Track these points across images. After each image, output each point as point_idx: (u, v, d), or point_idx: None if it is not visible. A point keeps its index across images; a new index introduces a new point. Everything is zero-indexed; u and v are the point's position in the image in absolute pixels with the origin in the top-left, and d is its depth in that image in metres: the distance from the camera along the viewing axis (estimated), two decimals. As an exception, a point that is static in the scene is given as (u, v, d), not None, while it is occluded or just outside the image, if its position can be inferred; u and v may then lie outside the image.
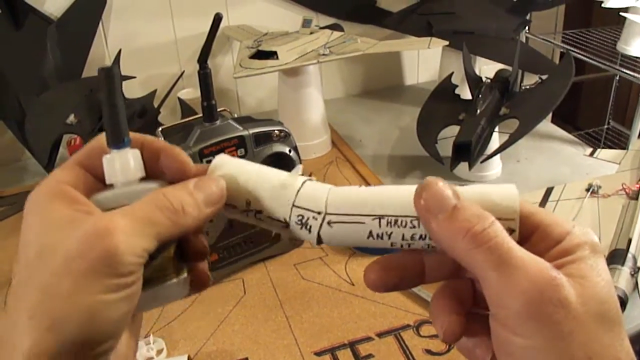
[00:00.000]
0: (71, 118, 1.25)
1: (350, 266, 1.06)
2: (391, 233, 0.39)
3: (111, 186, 0.39)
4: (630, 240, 0.95)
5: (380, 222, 0.38)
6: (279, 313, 0.96)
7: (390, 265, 0.41)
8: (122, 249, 0.33)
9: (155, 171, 0.41)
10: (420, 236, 0.38)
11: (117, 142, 0.39)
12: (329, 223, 0.39)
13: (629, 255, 0.94)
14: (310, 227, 0.40)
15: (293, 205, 0.40)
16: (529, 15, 1.77)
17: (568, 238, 0.37)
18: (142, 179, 0.40)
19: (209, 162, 0.42)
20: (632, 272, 0.93)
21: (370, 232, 0.39)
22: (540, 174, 1.37)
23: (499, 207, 0.37)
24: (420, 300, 0.96)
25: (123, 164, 0.39)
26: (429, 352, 0.87)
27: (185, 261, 0.41)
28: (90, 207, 0.36)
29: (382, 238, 0.39)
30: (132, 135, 0.40)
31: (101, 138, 0.40)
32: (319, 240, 0.40)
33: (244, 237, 1.01)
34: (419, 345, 0.88)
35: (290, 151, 0.99)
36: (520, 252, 0.35)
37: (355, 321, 0.93)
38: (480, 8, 1.68)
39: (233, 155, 0.92)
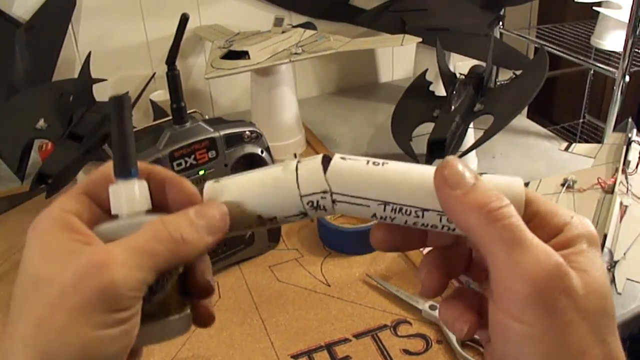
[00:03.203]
0: (41, 123, 1.23)
1: (326, 267, 1.04)
2: (394, 218, 0.39)
3: (116, 217, 0.38)
4: (605, 235, 0.95)
5: (385, 207, 0.38)
6: (255, 316, 0.94)
7: (395, 226, 0.40)
8: (118, 282, 0.33)
9: (162, 202, 0.40)
10: (423, 224, 0.38)
11: (125, 172, 0.38)
12: (333, 201, 0.39)
13: (605, 250, 0.94)
14: (324, 206, 0.39)
15: (301, 196, 0.39)
16: (502, 10, 1.77)
17: (567, 229, 0.37)
18: (149, 211, 0.39)
19: (179, 165, 0.42)
20: (609, 267, 0.93)
21: (374, 214, 0.39)
22: (516, 169, 1.37)
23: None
24: (397, 300, 0.95)
25: (129, 195, 0.38)
26: (406, 352, 0.86)
27: (188, 296, 0.41)
28: (90, 238, 0.36)
29: (385, 220, 0.39)
30: (140, 164, 0.39)
31: (108, 166, 0.39)
32: None
33: (217, 240, 0.99)
34: (397, 345, 0.87)
35: (262, 152, 0.98)
36: (532, 236, 0.34)
37: (332, 322, 0.92)
38: (453, 4, 1.67)
39: (204, 157, 0.92)
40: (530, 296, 0.33)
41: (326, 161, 0.39)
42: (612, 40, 1.73)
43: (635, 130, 1.23)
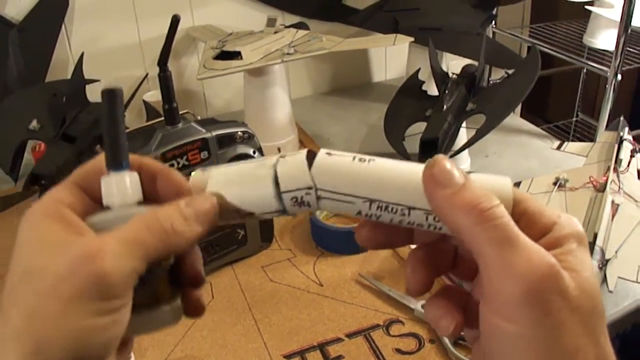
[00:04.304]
0: (34, 124, 1.23)
1: (319, 267, 1.05)
2: (380, 216, 0.38)
3: (108, 208, 0.39)
4: (596, 234, 0.95)
5: (370, 205, 0.38)
6: (248, 316, 0.95)
7: (380, 224, 0.40)
8: (110, 270, 0.33)
9: (153, 194, 0.41)
10: (409, 223, 0.38)
11: (116, 164, 0.39)
12: (318, 198, 0.39)
13: (597, 249, 0.94)
14: (308, 202, 0.39)
15: (281, 193, 0.39)
16: (495, 9, 1.78)
17: (555, 228, 0.36)
18: (140, 203, 0.39)
19: (171, 166, 0.42)
20: (600, 265, 0.94)
21: (360, 211, 0.38)
22: (509, 168, 1.37)
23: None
24: (390, 299, 0.95)
25: (120, 186, 0.39)
26: (399, 351, 0.86)
27: (179, 287, 0.41)
28: (82, 229, 0.36)
29: (370, 217, 0.39)
30: (131, 157, 0.40)
31: (100, 158, 0.40)
32: None
33: (209, 241, 1.00)
34: (389, 345, 0.87)
35: (254, 152, 0.98)
36: (524, 236, 0.34)
37: (325, 322, 0.92)
38: (446, 4, 1.67)
39: (196, 158, 0.92)
40: (523, 297, 0.33)
41: (311, 157, 0.39)
42: (604, 39, 1.74)
43: (627, 129, 1.23)
